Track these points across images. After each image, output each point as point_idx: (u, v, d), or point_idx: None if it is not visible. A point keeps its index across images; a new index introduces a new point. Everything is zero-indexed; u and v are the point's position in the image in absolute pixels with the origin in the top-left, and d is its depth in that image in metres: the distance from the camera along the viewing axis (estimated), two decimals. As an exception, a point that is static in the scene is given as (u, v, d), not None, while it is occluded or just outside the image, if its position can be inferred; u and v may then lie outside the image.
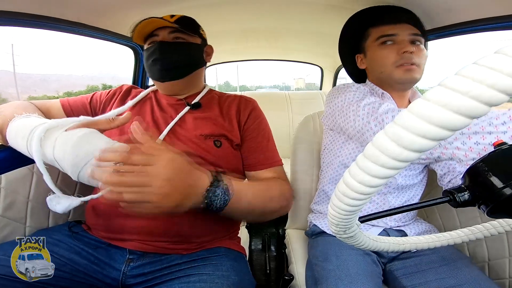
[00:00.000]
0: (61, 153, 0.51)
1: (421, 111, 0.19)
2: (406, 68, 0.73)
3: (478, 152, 0.50)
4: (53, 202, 0.56)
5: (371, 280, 0.62)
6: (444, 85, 0.19)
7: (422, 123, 0.19)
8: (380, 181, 0.23)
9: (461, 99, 0.18)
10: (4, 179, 0.65)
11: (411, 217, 0.80)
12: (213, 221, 0.67)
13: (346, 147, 0.80)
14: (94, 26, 0.94)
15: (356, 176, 0.24)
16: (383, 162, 0.22)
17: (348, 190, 0.26)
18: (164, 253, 0.64)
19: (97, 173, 0.46)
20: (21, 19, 0.72)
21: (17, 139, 0.56)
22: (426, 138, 0.20)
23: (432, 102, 0.19)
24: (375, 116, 0.65)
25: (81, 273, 0.60)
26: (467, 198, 0.34)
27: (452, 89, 0.18)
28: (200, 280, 0.58)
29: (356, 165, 0.24)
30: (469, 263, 0.66)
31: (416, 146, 0.20)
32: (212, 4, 1.08)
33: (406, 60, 0.73)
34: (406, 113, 0.20)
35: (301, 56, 2.26)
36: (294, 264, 0.83)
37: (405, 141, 0.20)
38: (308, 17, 1.26)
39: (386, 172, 0.22)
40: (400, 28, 0.75)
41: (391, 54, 0.74)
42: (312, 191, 0.98)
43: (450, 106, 0.18)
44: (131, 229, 0.63)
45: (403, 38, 0.74)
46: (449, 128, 0.19)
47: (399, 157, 0.21)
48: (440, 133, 0.19)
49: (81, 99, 0.79)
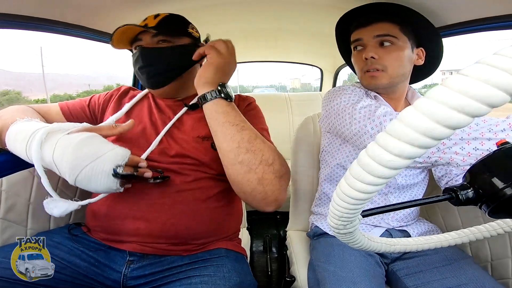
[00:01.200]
0: (60, 155, 0.51)
1: (426, 109, 0.19)
2: (370, 75, 0.72)
3: (476, 157, 0.50)
4: (50, 206, 0.56)
5: (373, 281, 0.61)
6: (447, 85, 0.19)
7: (427, 120, 0.19)
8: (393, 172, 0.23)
9: (463, 98, 0.18)
10: (5, 182, 0.65)
11: (414, 217, 0.80)
12: (211, 222, 0.67)
13: (343, 149, 0.80)
14: (93, 28, 0.94)
15: (376, 156, 0.23)
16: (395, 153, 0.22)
17: (364, 173, 0.25)
18: (164, 255, 0.64)
19: None
20: (20, 22, 0.72)
21: (16, 142, 0.55)
22: (428, 136, 0.20)
23: (435, 101, 0.19)
24: (372, 119, 0.63)
25: (81, 275, 0.60)
26: (470, 196, 0.33)
27: (456, 87, 0.18)
28: (202, 282, 0.58)
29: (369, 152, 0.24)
30: (472, 263, 0.65)
31: (421, 142, 0.20)
32: (211, 5, 1.08)
33: (369, 67, 0.71)
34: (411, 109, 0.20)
35: (301, 57, 2.26)
36: (295, 265, 0.82)
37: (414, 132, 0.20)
38: (307, 18, 1.26)
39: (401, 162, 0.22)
40: (366, 31, 0.72)
41: (359, 60, 0.74)
42: (312, 192, 0.98)
43: (452, 104, 0.18)
44: (130, 231, 0.62)
45: (367, 42, 0.72)
46: (452, 126, 0.19)
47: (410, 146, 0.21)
48: (443, 131, 0.19)
49: (80, 102, 0.79)
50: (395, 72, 0.71)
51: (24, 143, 0.53)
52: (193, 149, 0.68)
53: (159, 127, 0.72)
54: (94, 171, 0.50)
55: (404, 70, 0.73)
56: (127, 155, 0.54)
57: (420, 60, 0.75)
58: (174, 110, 0.75)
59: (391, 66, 0.70)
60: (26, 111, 0.64)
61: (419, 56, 0.75)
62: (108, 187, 0.52)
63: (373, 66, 0.71)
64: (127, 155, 0.54)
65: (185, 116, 0.74)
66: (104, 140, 0.55)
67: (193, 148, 0.69)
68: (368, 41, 0.72)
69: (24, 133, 0.54)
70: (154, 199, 0.63)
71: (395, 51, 0.70)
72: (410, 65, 0.74)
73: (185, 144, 0.69)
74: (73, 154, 0.50)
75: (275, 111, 2.08)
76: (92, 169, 0.50)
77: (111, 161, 0.51)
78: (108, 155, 0.52)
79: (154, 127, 0.72)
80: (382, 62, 0.70)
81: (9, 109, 0.65)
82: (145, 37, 0.70)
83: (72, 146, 0.51)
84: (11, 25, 0.72)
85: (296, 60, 2.34)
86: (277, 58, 2.28)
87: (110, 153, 0.52)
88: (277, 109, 2.10)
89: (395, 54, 0.70)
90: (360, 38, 0.73)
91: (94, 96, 0.82)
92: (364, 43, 0.73)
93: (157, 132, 0.71)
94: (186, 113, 0.74)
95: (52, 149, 0.51)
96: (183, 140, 0.70)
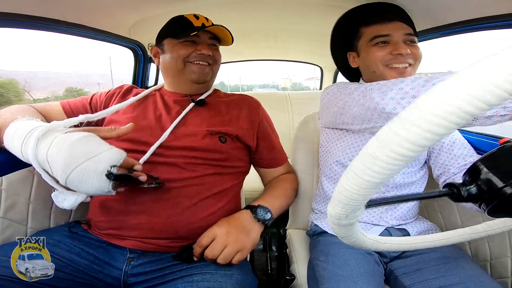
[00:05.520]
0: (55, 151, 0.50)
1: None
2: (399, 72, 0.72)
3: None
4: (59, 198, 0.55)
5: (373, 280, 0.62)
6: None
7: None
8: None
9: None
10: (5, 180, 0.65)
11: (413, 216, 0.80)
12: (210, 219, 0.67)
13: (341, 145, 0.81)
14: (93, 28, 0.94)
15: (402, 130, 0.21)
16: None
17: (387, 151, 0.22)
18: (164, 252, 0.64)
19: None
20: (20, 21, 0.72)
21: (13, 139, 0.54)
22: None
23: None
24: (360, 88, 0.66)
25: (81, 273, 0.60)
26: (473, 192, 0.33)
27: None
28: (204, 279, 0.58)
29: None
30: (470, 261, 0.66)
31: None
32: (211, 4, 1.08)
33: (400, 62, 0.72)
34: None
35: (301, 56, 2.26)
36: (295, 264, 0.83)
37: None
38: (307, 16, 1.25)
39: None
40: (394, 27, 0.74)
41: (385, 55, 0.73)
42: (312, 191, 0.98)
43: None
44: (132, 226, 0.63)
45: (397, 38, 0.73)
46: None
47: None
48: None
49: (81, 100, 0.80)
50: (417, 68, 0.74)
51: (21, 140, 0.53)
52: (200, 141, 0.70)
53: (165, 122, 0.72)
54: (86, 170, 0.49)
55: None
56: (123, 157, 0.53)
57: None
58: (182, 105, 0.76)
59: (417, 62, 0.74)
60: (27, 111, 0.64)
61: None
62: (100, 188, 0.51)
63: (405, 62, 0.72)
64: (122, 156, 0.53)
65: (192, 112, 0.75)
66: (101, 140, 0.55)
67: (200, 140, 0.70)
68: (398, 37, 0.73)
69: (22, 131, 0.54)
70: (159, 194, 0.64)
71: (418, 50, 0.74)
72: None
73: (192, 137, 0.70)
74: (68, 152, 0.49)
75: (275, 109, 2.07)
76: (85, 168, 0.49)
77: (105, 161, 0.50)
78: (102, 155, 0.51)
79: (159, 123, 0.73)
80: (412, 57, 0.72)
81: (10, 108, 0.65)
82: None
83: (68, 144, 0.50)
84: (11, 24, 0.72)
85: (296, 59, 2.34)
86: (277, 57, 2.28)
87: (105, 153, 0.51)
88: (277, 108, 2.09)
89: (418, 53, 0.73)
90: (389, 33, 0.73)
91: (96, 94, 0.82)
92: (393, 39, 0.73)
93: (162, 127, 0.71)
94: (193, 109, 0.75)
95: (48, 146, 0.51)
96: (190, 134, 0.71)
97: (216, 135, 0.71)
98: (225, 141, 0.72)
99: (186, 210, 0.64)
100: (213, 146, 0.70)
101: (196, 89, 0.81)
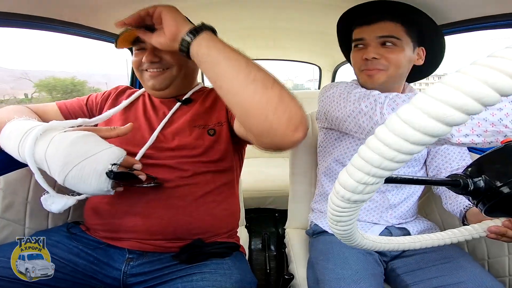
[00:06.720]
0: (53, 150, 0.50)
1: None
2: (367, 74, 0.72)
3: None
4: (48, 202, 0.56)
5: (373, 279, 0.62)
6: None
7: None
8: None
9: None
10: (3, 180, 0.65)
11: (412, 215, 0.81)
12: (208, 218, 0.67)
13: (340, 144, 0.81)
14: (90, 27, 0.93)
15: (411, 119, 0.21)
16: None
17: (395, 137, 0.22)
18: (163, 252, 0.64)
19: None
20: (16, 20, 0.71)
21: (10, 139, 0.54)
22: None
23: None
24: (367, 97, 0.63)
25: (81, 274, 0.60)
26: (481, 185, 0.33)
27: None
28: (203, 279, 0.58)
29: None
30: (471, 260, 0.66)
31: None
32: (209, 3, 1.07)
33: (368, 66, 0.71)
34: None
35: (299, 56, 2.26)
36: (294, 263, 0.83)
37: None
38: (306, 16, 1.25)
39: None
40: (369, 30, 0.71)
41: (358, 58, 0.74)
42: (311, 190, 0.98)
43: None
44: (128, 228, 0.63)
45: (370, 42, 0.71)
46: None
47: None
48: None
49: (78, 101, 0.79)
50: (393, 72, 0.71)
51: (17, 140, 0.52)
52: (189, 137, 0.69)
53: (154, 123, 0.72)
54: (85, 169, 0.49)
55: (403, 71, 0.72)
56: (123, 155, 0.53)
57: (420, 60, 0.75)
58: (168, 106, 0.76)
59: (391, 66, 0.70)
60: (23, 111, 0.64)
61: (419, 55, 0.74)
62: (99, 187, 0.50)
63: (373, 66, 0.70)
64: (122, 155, 0.53)
65: (179, 112, 0.75)
66: (100, 139, 0.55)
67: (189, 136, 0.69)
68: (370, 41, 0.71)
69: (19, 131, 0.53)
70: (152, 196, 0.64)
71: (396, 52, 0.69)
72: (409, 66, 0.73)
73: (181, 135, 0.70)
74: (67, 151, 0.49)
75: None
76: (84, 167, 0.49)
77: (105, 160, 0.50)
78: (102, 154, 0.51)
79: (149, 124, 0.73)
80: (383, 62, 0.70)
81: (5, 108, 0.64)
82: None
83: (67, 143, 0.50)
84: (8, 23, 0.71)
85: (294, 59, 2.34)
86: (276, 57, 2.27)
87: (105, 152, 0.51)
88: None
89: (396, 54, 0.69)
90: (362, 37, 0.72)
91: (92, 95, 0.82)
92: (366, 43, 0.72)
93: (152, 128, 0.71)
94: (179, 109, 0.75)
95: (46, 145, 0.50)
96: (179, 132, 0.70)
97: (204, 128, 0.71)
98: (214, 134, 0.71)
99: (181, 210, 0.64)
100: (202, 141, 0.69)
101: (169, 93, 0.76)
